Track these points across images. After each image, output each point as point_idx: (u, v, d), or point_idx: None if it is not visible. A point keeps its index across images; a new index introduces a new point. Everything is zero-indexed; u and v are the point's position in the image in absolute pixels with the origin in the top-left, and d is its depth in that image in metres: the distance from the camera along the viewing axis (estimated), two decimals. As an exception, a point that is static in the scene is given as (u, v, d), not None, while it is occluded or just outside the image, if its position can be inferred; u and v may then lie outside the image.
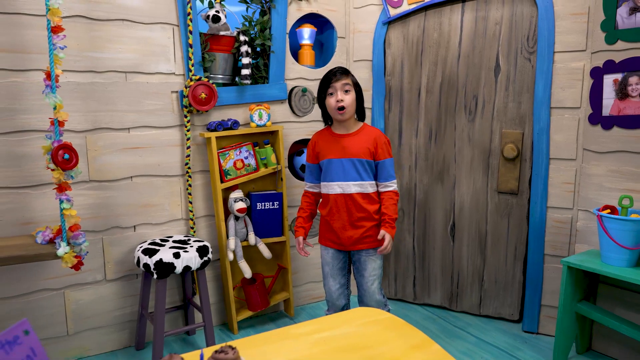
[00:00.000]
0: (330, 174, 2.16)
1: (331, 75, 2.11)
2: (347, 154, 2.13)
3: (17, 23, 2.09)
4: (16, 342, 0.59)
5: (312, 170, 2.27)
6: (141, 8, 2.35)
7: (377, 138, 2.15)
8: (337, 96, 2.08)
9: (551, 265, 2.58)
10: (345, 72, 2.13)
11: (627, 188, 2.25)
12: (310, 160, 2.28)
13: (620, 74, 2.24)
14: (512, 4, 2.56)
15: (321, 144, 2.21)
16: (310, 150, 2.26)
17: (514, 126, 2.63)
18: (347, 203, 2.14)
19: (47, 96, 1.91)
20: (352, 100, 2.11)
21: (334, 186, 2.15)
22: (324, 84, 2.13)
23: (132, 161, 2.42)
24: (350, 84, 2.11)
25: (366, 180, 2.14)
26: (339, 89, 2.09)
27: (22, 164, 2.17)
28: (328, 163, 2.16)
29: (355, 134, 2.16)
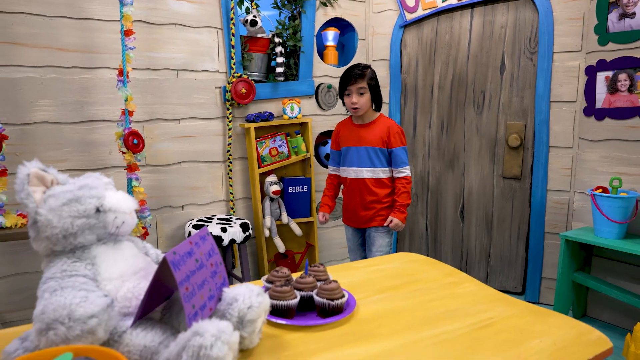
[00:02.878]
0: (347, 159, 2.38)
1: (349, 78, 2.28)
2: (362, 142, 2.34)
3: (89, 27, 2.42)
4: (204, 239, 0.91)
5: (335, 156, 2.50)
6: (191, 14, 2.68)
7: (390, 128, 2.33)
8: (352, 98, 2.28)
9: (550, 242, 2.91)
10: (361, 75, 2.27)
11: (616, 171, 2.57)
12: (333, 146, 2.50)
13: (611, 72, 2.56)
14: (515, 10, 2.89)
15: (342, 133, 2.43)
16: (334, 137, 2.49)
17: (518, 118, 2.95)
18: (360, 187, 2.35)
19: (119, 90, 2.24)
20: (367, 100, 2.30)
21: (350, 171, 2.37)
22: (343, 84, 2.31)
23: (181, 148, 2.74)
24: (365, 87, 2.28)
25: (378, 166, 2.34)
26: (354, 92, 2.27)
27: (90, 149, 2.50)
28: (346, 150, 2.38)
29: (370, 125, 2.35)
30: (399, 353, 0.90)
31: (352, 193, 2.40)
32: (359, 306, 1.09)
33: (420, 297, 1.16)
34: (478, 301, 1.15)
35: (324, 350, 0.90)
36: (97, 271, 0.80)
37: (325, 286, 1.03)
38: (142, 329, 0.76)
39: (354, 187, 2.38)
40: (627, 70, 2.51)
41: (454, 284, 1.26)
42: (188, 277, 0.79)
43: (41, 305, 0.72)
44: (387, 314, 1.07)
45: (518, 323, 1.03)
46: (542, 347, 0.93)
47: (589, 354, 0.91)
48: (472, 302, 1.14)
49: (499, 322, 1.03)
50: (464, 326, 1.01)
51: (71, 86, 2.41)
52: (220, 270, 0.91)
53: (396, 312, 1.07)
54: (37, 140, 2.36)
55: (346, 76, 2.30)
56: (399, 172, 2.34)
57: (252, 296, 0.84)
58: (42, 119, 2.36)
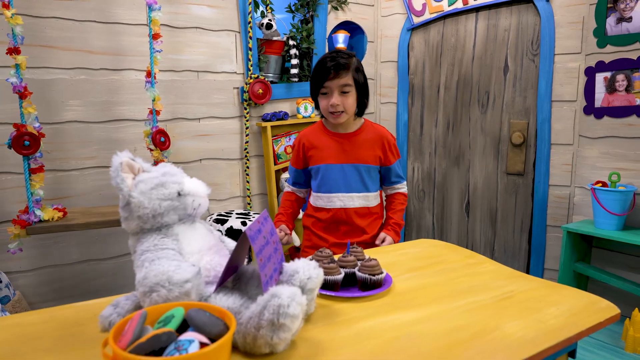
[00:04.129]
0: (328, 183, 1.74)
1: (326, 71, 1.62)
2: (350, 158, 1.73)
3: (116, 31, 2.54)
4: (266, 220, 1.05)
5: (298, 175, 1.84)
6: (211, 17, 2.81)
7: (385, 139, 1.77)
8: (332, 99, 1.64)
9: (552, 234, 3.05)
10: (343, 66, 1.62)
11: (615, 166, 2.72)
12: (296, 163, 1.83)
13: (609, 73, 2.71)
14: (518, 14, 3.03)
15: (314, 145, 1.76)
16: (295, 151, 1.82)
17: (521, 117, 3.10)
18: (348, 219, 1.76)
19: (148, 90, 2.36)
20: (353, 101, 1.67)
21: (334, 199, 1.74)
22: (318, 79, 1.66)
23: (201, 146, 2.87)
24: (350, 84, 1.64)
25: (372, 191, 1.78)
26: (335, 90, 1.64)
27: (117, 147, 2.62)
28: (325, 169, 1.73)
29: (357, 134, 1.75)
30: (434, 319, 1.03)
31: (335, 229, 1.77)
32: (394, 282, 1.23)
33: (446, 275, 1.30)
34: (498, 278, 1.29)
35: (369, 317, 1.04)
36: (180, 246, 0.93)
37: (366, 263, 1.16)
38: (223, 294, 0.90)
39: (339, 221, 1.76)
40: (624, 71, 2.66)
41: (474, 264, 1.40)
42: (260, 251, 0.92)
43: (143, 272, 0.85)
44: (419, 288, 1.20)
45: (535, 295, 1.17)
46: (558, 313, 1.07)
47: (600, 318, 1.05)
48: (492, 279, 1.28)
49: (519, 294, 1.17)
50: (488, 297, 1.15)
51: (99, 87, 2.53)
52: (279, 247, 1.04)
53: (427, 287, 1.21)
54: (68, 138, 2.48)
55: (322, 68, 1.63)
56: (394, 189, 1.87)
57: (310, 269, 0.98)
58: (72, 118, 2.49)
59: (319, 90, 1.68)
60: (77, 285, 2.58)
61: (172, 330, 0.67)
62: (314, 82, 1.70)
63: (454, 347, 0.91)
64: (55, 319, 0.98)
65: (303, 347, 0.89)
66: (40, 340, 0.89)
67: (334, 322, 1.01)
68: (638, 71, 2.60)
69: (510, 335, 0.97)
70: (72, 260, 2.56)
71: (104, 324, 0.92)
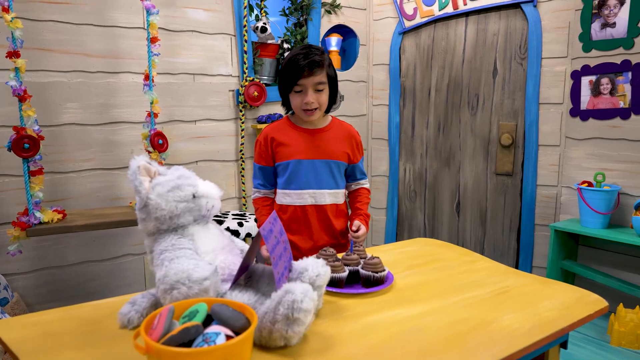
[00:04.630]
0: (299, 179, 1.69)
1: (300, 68, 1.57)
2: (320, 153, 1.70)
3: (113, 34, 2.57)
4: (276, 220, 1.09)
5: (265, 173, 1.76)
6: (206, 21, 2.84)
7: (354, 137, 1.79)
8: (307, 97, 1.60)
9: (540, 233, 3.14)
10: (317, 63, 1.59)
11: (600, 167, 2.81)
12: (260, 160, 1.75)
13: (594, 76, 2.81)
14: (507, 19, 3.12)
15: (282, 140, 1.70)
16: (262, 147, 1.74)
17: (509, 119, 3.18)
18: (320, 216, 1.72)
19: (146, 93, 2.39)
20: (326, 99, 1.66)
21: (305, 195, 1.70)
22: (292, 76, 1.60)
23: (197, 148, 2.91)
24: (324, 82, 1.62)
25: (341, 188, 1.78)
26: (310, 87, 1.60)
27: (114, 149, 2.65)
28: (296, 165, 1.69)
29: (326, 130, 1.74)
30: (435, 313, 1.09)
31: (301, 226, 1.73)
32: (395, 279, 1.29)
33: (443, 272, 1.36)
34: (492, 274, 1.35)
35: (374, 312, 1.09)
36: (196, 246, 0.97)
37: (369, 261, 1.22)
38: (238, 291, 0.94)
39: (310, 216, 1.72)
40: (608, 75, 2.75)
41: (470, 262, 1.46)
42: (272, 250, 0.97)
43: (163, 271, 0.89)
44: (419, 284, 1.26)
45: (529, 289, 1.24)
46: (552, 307, 1.13)
47: (590, 311, 1.12)
48: (488, 275, 1.34)
49: (513, 289, 1.24)
50: (485, 292, 1.21)
51: (96, 90, 2.56)
52: (288, 247, 1.09)
53: (427, 283, 1.27)
54: (65, 140, 2.50)
55: (295, 65, 1.59)
56: (359, 184, 1.85)
57: (318, 266, 1.03)
58: (69, 120, 2.50)
59: (292, 88, 1.62)
60: (74, 287, 2.59)
61: (199, 324, 0.71)
62: (285, 80, 1.64)
63: (456, 339, 0.97)
64: (75, 317, 1.01)
65: (314, 340, 0.94)
66: (63, 337, 0.93)
67: (341, 317, 1.06)
68: (621, 75, 2.69)
69: (508, 327, 1.03)
70: (70, 262, 2.57)
71: (122, 321, 0.97)
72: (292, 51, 1.65)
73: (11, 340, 0.89)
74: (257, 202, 1.80)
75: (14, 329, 0.95)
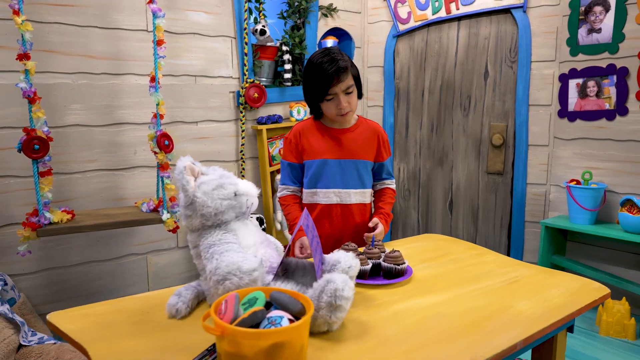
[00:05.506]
0: (325, 178, 1.72)
1: (329, 77, 1.59)
2: (347, 153, 1.72)
3: (117, 36, 2.60)
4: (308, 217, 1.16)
5: (293, 170, 1.78)
6: (208, 24, 2.89)
7: (380, 135, 1.80)
8: (341, 102, 1.62)
9: (530, 229, 3.27)
10: (344, 69, 1.60)
11: (587, 165, 2.96)
12: (290, 157, 1.77)
13: (581, 79, 2.95)
14: (497, 23, 3.24)
15: (309, 139, 1.74)
16: (292, 144, 1.77)
17: (500, 120, 3.31)
18: (345, 215, 1.75)
19: (152, 95, 2.43)
20: (356, 99, 1.69)
21: (330, 194, 1.72)
22: (323, 86, 1.60)
23: (199, 149, 2.95)
24: (352, 84, 1.65)
25: (367, 187, 1.80)
26: (341, 94, 1.62)
27: (117, 150, 2.67)
28: (322, 164, 1.71)
29: (353, 129, 1.75)
30: (456, 300, 1.18)
31: (328, 224, 1.75)
32: (413, 271, 1.37)
33: (456, 264, 1.45)
34: (501, 266, 1.45)
35: (400, 300, 1.17)
36: (239, 240, 1.04)
37: (391, 254, 1.30)
38: (280, 282, 1.01)
39: (335, 216, 1.74)
40: (595, 78, 2.89)
41: (478, 255, 1.55)
42: (311, 243, 1.04)
43: (214, 264, 0.96)
44: (435, 276, 1.35)
45: (537, 279, 1.34)
46: (559, 294, 1.23)
47: (595, 297, 1.22)
48: (497, 266, 1.44)
49: (523, 279, 1.33)
50: (497, 282, 1.30)
51: (100, 91, 2.58)
52: (319, 241, 1.17)
53: (442, 275, 1.36)
54: (70, 141, 2.52)
55: (324, 74, 1.59)
56: (383, 184, 1.87)
57: (349, 259, 1.10)
58: (74, 122, 2.53)
59: (323, 98, 1.63)
60: (79, 287, 2.62)
61: (264, 309, 0.78)
62: (315, 89, 1.63)
63: (479, 322, 1.06)
64: (123, 309, 1.07)
65: (352, 326, 1.02)
66: (117, 327, 0.99)
67: (371, 305, 1.14)
68: (607, 78, 2.84)
69: (523, 312, 1.12)
70: (75, 262, 2.60)
71: (171, 312, 1.03)
72: (314, 58, 1.64)
73: (71, 331, 0.94)
74: (287, 199, 1.80)
75: (69, 320, 1.00)
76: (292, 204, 1.78)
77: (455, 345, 0.95)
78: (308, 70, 1.66)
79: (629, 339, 2.51)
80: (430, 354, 0.91)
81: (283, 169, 1.81)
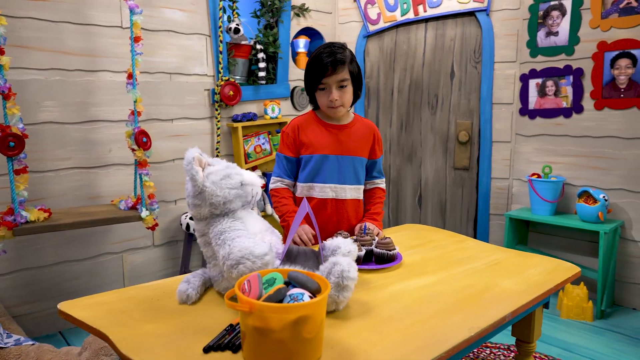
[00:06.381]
0: (323, 173, 1.75)
1: (324, 67, 1.62)
2: (345, 150, 1.76)
3: (91, 32, 2.57)
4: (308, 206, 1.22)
5: (289, 163, 1.80)
6: (183, 21, 2.89)
7: (375, 133, 1.85)
8: (332, 94, 1.65)
9: (495, 222, 3.45)
10: (341, 61, 1.63)
11: (547, 160, 3.15)
12: (287, 150, 1.79)
13: (541, 79, 3.14)
14: (463, 26, 3.40)
15: (308, 134, 1.76)
16: (290, 138, 1.78)
17: (466, 118, 3.47)
18: (339, 210, 1.77)
19: (129, 92, 2.42)
20: (350, 95, 1.71)
21: (327, 189, 1.74)
22: (316, 75, 1.65)
23: (174, 146, 2.94)
24: (347, 79, 1.66)
25: (362, 184, 1.84)
26: (333, 85, 1.65)
27: (92, 148, 2.64)
28: (322, 159, 1.74)
29: (350, 126, 1.79)
30: (446, 281, 1.27)
31: (324, 219, 1.76)
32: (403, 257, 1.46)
33: (440, 250, 1.55)
34: (481, 250, 1.55)
35: (395, 282, 1.25)
36: (246, 228, 1.09)
37: (382, 241, 1.38)
38: (287, 266, 1.07)
39: (330, 211, 1.77)
40: (553, 78, 3.09)
41: (458, 241, 1.66)
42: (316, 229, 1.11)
43: (227, 249, 1.00)
44: (424, 260, 1.44)
45: (515, 261, 1.45)
46: (537, 273, 1.35)
47: (568, 274, 1.34)
48: (478, 251, 1.54)
49: (502, 261, 1.44)
50: (480, 264, 1.41)
51: (74, 88, 2.54)
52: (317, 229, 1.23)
53: (430, 259, 1.45)
54: (43, 139, 2.47)
55: (319, 64, 1.64)
56: (373, 184, 1.90)
57: (348, 244, 1.17)
58: (47, 119, 2.48)
59: (317, 87, 1.68)
60: (54, 287, 2.57)
61: (285, 286, 0.84)
62: (310, 78, 1.69)
63: (470, 299, 1.15)
64: (133, 297, 1.10)
65: (356, 306, 1.09)
66: (131, 313, 1.01)
67: (369, 287, 1.21)
68: (564, 78, 3.04)
69: (508, 289, 1.22)
70: (49, 262, 2.54)
71: (182, 297, 1.07)
72: (317, 49, 1.69)
73: (87, 318, 0.96)
74: (280, 192, 1.80)
75: (82, 308, 1.02)
76: (287, 197, 1.79)
77: (452, 318, 1.04)
78: (309, 59, 1.71)
79: (587, 320, 2.70)
80: (432, 327, 0.99)
81: (279, 161, 1.81)
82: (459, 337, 0.95)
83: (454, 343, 0.92)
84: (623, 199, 2.86)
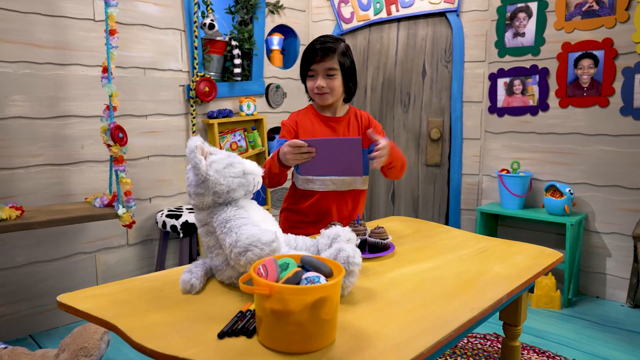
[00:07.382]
0: None
1: (313, 53, 1.67)
2: None
3: (62, 24, 2.48)
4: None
5: None
6: (157, 15, 2.84)
7: (371, 121, 1.87)
8: (318, 81, 1.68)
9: (466, 216, 3.55)
10: (331, 49, 1.66)
11: (515, 156, 3.27)
12: (288, 137, 1.76)
13: (508, 78, 3.26)
14: (434, 26, 3.48)
15: (306, 127, 1.78)
16: (291, 127, 1.79)
17: (437, 115, 3.56)
18: (338, 202, 1.79)
19: (104, 86, 2.35)
20: (338, 84, 1.70)
21: (327, 182, 1.76)
22: (306, 61, 1.71)
23: (148, 143, 2.88)
24: (335, 68, 1.68)
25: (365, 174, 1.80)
26: (321, 73, 1.67)
27: (63, 144, 2.55)
28: None
29: (345, 118, 1.81)
30: (440, 268, 1.31)
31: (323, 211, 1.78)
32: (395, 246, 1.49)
33: (430, 239, 1.59)
34: (468, 239, 1.61)
35: (392, 270, 1.28)
36: (250, 216, 1.09)
37: (376, 230, 1.41)
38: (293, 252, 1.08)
39: (330, 202, 1.78)
40: (520, 77, 3.22)
41: (445, 231, 1.71)
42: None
43: (234, 237, 1.00)
44: (416, 249, 1.48)
45: (501, 248, 1.51)
46: (523, 258, 1.41)
47: (552, 259, 1.41)
48: (465, 240, 1.60)
49: (490, 249, 1.50)
50: (470, 251, 1.46)
51: (45, 82, 2.46)
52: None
53: (421, 248, 1.49)
54: (12, 134, 2.37)
55: (310, 51, 1.69)
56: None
57: (347, 232, 1.19)
58: (16, 113, 2.38)
59: (307, 73, 1.72)
60: (25, 289, 2.47)
61: (301, 270, 0.85)
62: (302, 65, 1.74)
63: (465, 284, 1.19)
64: (134, 288, 1.08)
65: (358, 292, 1.11)
66: (135, 303, 1.00)
67: (368, 274, 1.23)
68: (530, 77, 3.17)
69: (499, 273, 1.27)
70: (18, 264, 2.44)
71: (185, 287, 1.06)
72: (314, 39, 1.74)
73: (91, 309, 0.94)
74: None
75: (84, 300, 0.99)
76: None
77: (454, 301, 1.07)
78: (305, 49, 1.76)
79: (555, 309, 2.82)
80: (436, 310, 1.03)
81: (279, 146, 1.68)
82: (463, 318, 0.98)
83: (460, 323, 0.96)
84: (586, 193, 3.01)
